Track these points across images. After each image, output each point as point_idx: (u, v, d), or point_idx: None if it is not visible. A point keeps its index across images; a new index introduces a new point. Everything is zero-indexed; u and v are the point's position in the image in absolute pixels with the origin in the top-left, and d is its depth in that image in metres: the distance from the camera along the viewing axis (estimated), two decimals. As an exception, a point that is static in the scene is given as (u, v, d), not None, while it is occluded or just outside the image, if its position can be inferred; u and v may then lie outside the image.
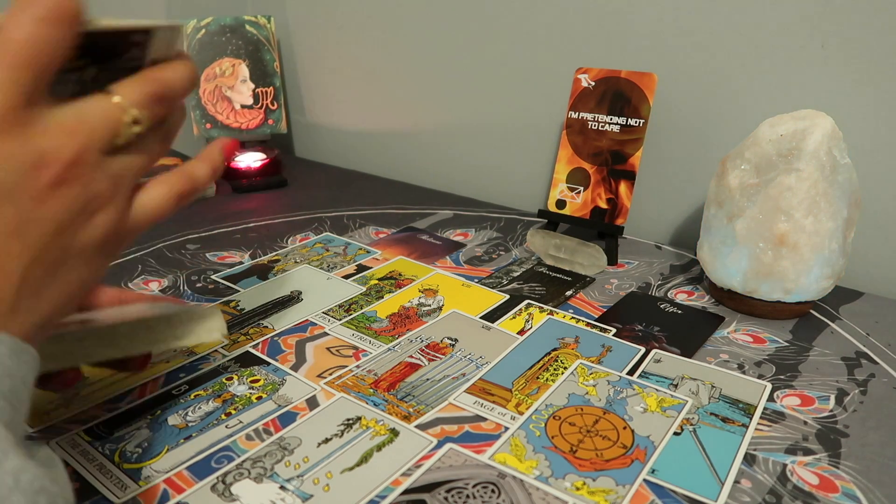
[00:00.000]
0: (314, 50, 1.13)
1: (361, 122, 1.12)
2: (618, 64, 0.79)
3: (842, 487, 0.41)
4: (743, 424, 0.46)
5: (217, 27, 1.02)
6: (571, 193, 0.75)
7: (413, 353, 0.55)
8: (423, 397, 0.49)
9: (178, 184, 0.35)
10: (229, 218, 0.87)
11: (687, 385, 0.51)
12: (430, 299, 0.64)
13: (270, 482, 0.40)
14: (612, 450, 0.44)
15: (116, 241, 0.32)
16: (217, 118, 1.04)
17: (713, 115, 0.75)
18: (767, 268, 0.58)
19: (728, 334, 0.59)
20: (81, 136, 0.29)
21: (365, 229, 0.83)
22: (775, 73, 0.69)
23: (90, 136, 0.29)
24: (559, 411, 0.47)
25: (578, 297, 0.65)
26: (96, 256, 0.31)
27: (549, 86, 0.86)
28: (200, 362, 0.53)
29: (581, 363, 0.53)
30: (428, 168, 1.05)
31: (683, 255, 0.76)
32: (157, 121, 0.32)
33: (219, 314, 0.46)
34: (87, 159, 0.29)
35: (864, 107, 0.65)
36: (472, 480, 0.41)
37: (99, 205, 0.30)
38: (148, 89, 0.31)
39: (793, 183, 0.56)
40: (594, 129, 0.74)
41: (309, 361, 0.54)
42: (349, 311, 0.62)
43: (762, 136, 0.58)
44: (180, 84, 0.33)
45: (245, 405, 0.48)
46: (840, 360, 0.55)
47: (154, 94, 0.32)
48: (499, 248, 0.77)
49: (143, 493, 0.40)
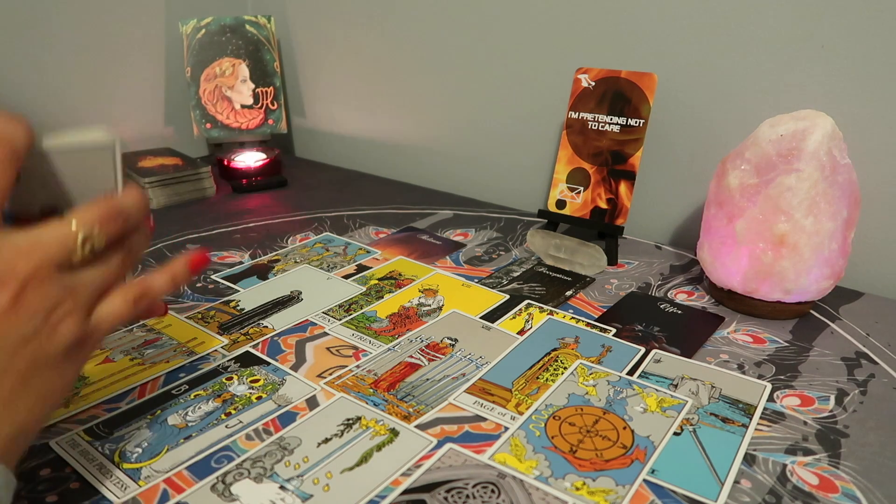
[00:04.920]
0: (314, 50, 1.13)
1: (361, 123, 1.12)
2: (618, 64, 0.79)
3: (842, 487, 0.41)
4: (743, 424, 0.46)
5: (217, 27, 1.02)
6: (571, 193, 0.75)
7: (413, 353, 0.55)
8: (423, 397, 0.49)
9: (132, 292, 0.37)
10: (229, 218, 0.87)
11: (687, 385, 0.51)
12: (430, 299, 0.64)
13: (270, 482, 0.40)
14: (612, 450, 0.44)
15: (81, 348, 0.35)
16: (217, 118, 1.04)
17: (713, 115, 0.75)
18: (767, 268, 0.58)
19: (728, 334, 0.59)
20: (36, 255, 0.32)
21: (365, 229, 0.83)
22: (775, 73, 0.69)
23: (45, 254, 0.32)
24: (559, 411, 0.47)
25: (578, 297, 0.65)
26: (65, 364, 0.34)
27: (549, 86, 0.86)
28: (200, 362, 0.53)
29: (581, 363, 0.53)
30: (428, 168, 1.05)
31: (683, 255, 0.76)
32: (112, 238, 0.35)
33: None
34: (43, 275, 0.32)
35: (864, 107, 0.65)
36: (472, 480, 0.41)
37: (61, 316, 0.33)
38: (100, 211, 0.35)
39: (793, 183, 0.56)
40: (594, 129, 0.74)
41: (309, 361, 0.54)
42: (349, 311, 0.62)
43: (762, 136, 0.58)
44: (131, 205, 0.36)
45: (245, 405, 0.48)
46: (840, 361, 0.55)
47: (106, 213, 0.35)
48: (499, 248, 0.77)
49: (143, 493, 0.40)
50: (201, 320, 0.60)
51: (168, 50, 1.07)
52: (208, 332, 0.58)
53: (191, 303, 0.64)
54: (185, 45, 1.02)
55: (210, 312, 0.61)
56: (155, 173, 0.90)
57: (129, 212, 0.36)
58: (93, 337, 0.35)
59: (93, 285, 0.35)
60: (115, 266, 0.36)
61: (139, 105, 1.07)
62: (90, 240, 0.34)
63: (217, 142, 1.08)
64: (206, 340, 0.57)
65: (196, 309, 0.62)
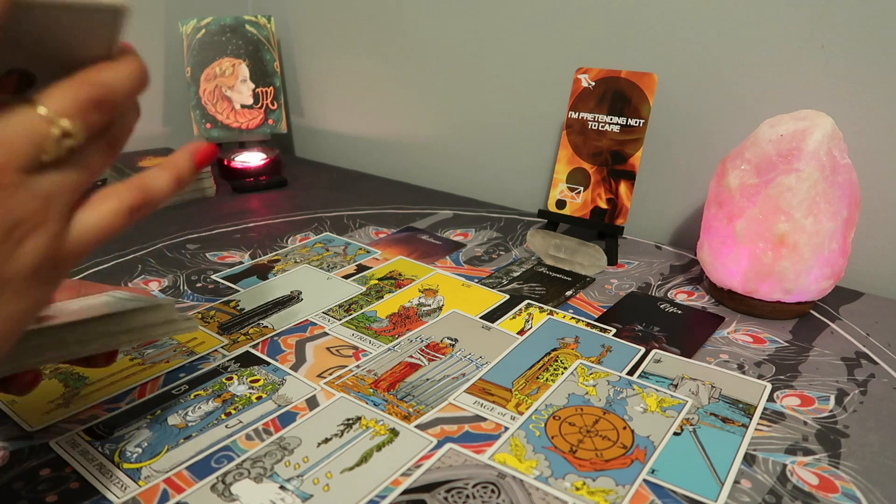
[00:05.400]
0: (314, 50, 1.13)
1: (361, 122, 1.12)
2: (618, 64, 0.79)
3: (841, 488, 0.41)
4: (743, 424, 0.46)
5: (217, 27, 1.02)
6: (571, 193, 0.75)
7: (413, 353, 0.55)
8: (423, 397, 0.49)
9: (130, 196, 0.30)
10: (229, 218, 0.87)
11: (687, 385, 0.51)
12: (430, 299, 0.64)
13: (270, 482, 0.40)
14: (611, 450, 0.44)
15: (54, 267, 0.28)
16: (217, 118, 1.04)
17: (713, 115, 0.75)
18: (767, 268, 0.58)
19: (728, 334, 0.59)
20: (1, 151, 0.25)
21: (365, 229, 0.83)
22: (775, 73, 0.69)
23: (8, 154, 0.25)
24: (559, 411, 0.47)
25: (578, 297, 0.65)
26: (32, 286, 0.27)
27: (549, 86, 0.86)
28: (200, 362, 0.53)
29: (581, 363, 0.53)
30: (428, 168, 1.05)
31: (683, 255, 0.76)
32: (95, 131, 0.28)
33: (172, 311, 0.43)
34: (5, 180, 0.25)
35: (864, 107, 0.65)
36: (472, 480, 0.41)
37: (27, 230, 0.26)
38: (81, 95, 0.27)
39: (793, 183, 0.56)
40: (594, 129, 0.74)
41: (309, 361, 0.54)
42: (349, 311, 0.62)
43: (762, 136, 0.58)
44: (123, 84, 0.28)
45: (245, 405, 0.48)
46: (840, 361, 0.55)
47: (89, 99, 0.27)
48: (499, 248, 0.77)
49: (143, 493, 0.40)
50: (201, 320, 0.60)
51: (168, 50, 1.07)
52: (208, 332, 0.58)
53: (191, 303, 0.64)
54: (185, 45, 1.02)
55: (210, 312, 0.61)
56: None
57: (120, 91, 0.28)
58: (71, 253, 0.28)
59: (69, 190, 0.28)
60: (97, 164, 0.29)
61: (139, 105, 1.07)
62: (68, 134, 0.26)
63: (217, 142, 1.08)
64: (206, 340, 0.57)
65: (196, 309, 0.62)
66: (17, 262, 0.26)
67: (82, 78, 0.27)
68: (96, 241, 0.29)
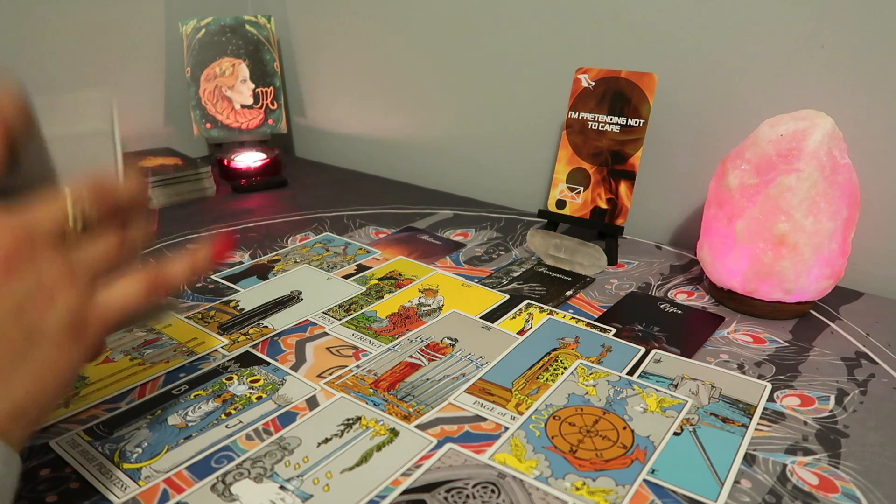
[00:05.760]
0: (314, 50, 1.13)
1: (361, 122, 1.12)
2: (618, 64, 0.79)
3: (842, 488, 0.41)
4: (743, 424, 0.46)
5: (217, 27, 1.02)
6: (571, 193, 0.75)
7: (413, 353, 0.55)
8: (423, 397, 0.49)
9: (148, 279, 0.36)
10: (229, 218, 0.87)
11: (687, 385, 0.51)
12: (430, 299, 0.64)
13: (270, 482, 0.40)
14: (612, 450, 0.44)
15: (85, 328, 0.33)
16: (217, 118, 1.04)
17: (713, 115, 0.75)
18: (767, 268, 0.58)
19: (728, 334, 0.59)
20: (25, 226, 0.31)
21: (365, 229, 0.83)
22: (775, 73, 0.69)
23: (34, 226, 0.31)
24: (559, 411, 0.47)
25: (578, 297, 0.65)
26: (67, 342, 0.32)
27: (549, 86, 0.86)
28: (200, 362, 0.53)
29: (581, 363, 0.53)
30: (428, 168, 1.05)
31: (683, 255, 0.76)
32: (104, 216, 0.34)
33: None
34: (34, 246, 0.31)
35: (864, 107, 0.65)
36: (472, 480, 0.41)
37: (56, 289, 0.31)
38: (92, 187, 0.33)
39: (793, 183, 0.56)
40: (594, 129, 0.74)
41: (309, 361, 0.54)
42: (349, 311, 0.62)
43: (762, 136, 0.58)
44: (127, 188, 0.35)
45: (245, 405, 0.48)
46: (840, 361, 0.55)
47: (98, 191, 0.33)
48: (499, 248, 0.77)
49: (143, 493, 0.40)
50: (201, 320, 0.60)
51: (168, 50, 1.07)
52: (208, 332, 0.58)
53: (191, 303, 0.64)
54: (185, 45, 1.02)
55: (210, 312, 0.61)
56: (155, 173, 0.90)
57: (124, 194, 0.35)
58: (99, 320, 0.33)
59: (92, 260, 0.33)
60: (114, 246, 0.34)
61: (139, 105, 1.07)
62: (82, 213, 0.33)
63: (217, 142, 1.08)
64: (206, 340, 0.57)
65: (196, 309, 0.62)
66: (53, 316, 0.31)
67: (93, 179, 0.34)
68: (120, 313, 0.35)
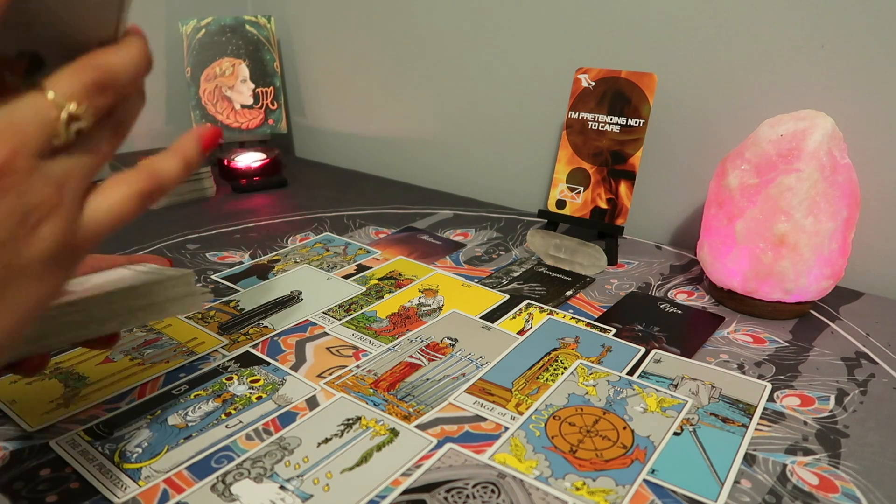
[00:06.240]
0: (314, 50, 1.13)
1: (361, 122, 1.12)
2: (618, 64, 0.79)
3: (842, 488, 0.41)
4: (743, 424, 0.46)
5: (217, 27, 1.02)
6: (571, 193, 0.75)
7: (413, 353, 0.55)
8: (423, 397, 0.49)
9: (140, 182, 0.30)
10: (229, 218, 0.87)
11: (687, 385, 0.51)
12: (430, 299, 0.64)
13: (270, 482, 0.40)
14: (612, 450, 0.44)
15: (70, 253, 0.28)
16: (217, 118, 1.04)
17: (713, 115, 0.75)
18: (767, 268, 0.58)
19: (728, 334, 0.59)
20: (9, 140, 0.25)
21: (365, 229, 0.83)
22: (775, 73, 0.69)
23: (20, 139, 0.25)
24: (559, 411, 0.47)
25: (578, 297, 0.65)
26: (49, 271, 0.28)
27: (549, 86, 0.86)
28: (200, 362, 0.53)
29: (581, 363, 0.53)
30: (428, 168, 1.05)
31: (683, 255, 0.76)
32: (101, 114, 0.28)
33: (191, 283, 0.42)
34: (18, 165, 0.25)
35: (864, 107, 0.65)
36: (472, 480, 0.41)
37: (42, 215, 0.26)
38: (87, 79, 0.27)
39: (793, 183, 0.56)
40: (594, 129, 0.74)
41: (309, 361, 0.54)
42: (349, 311, 0.62)
43: (762, 136, 0.58)
44: (127, 68, 0.29)
45: (245, 405, 0.48)
46: (840, 361, 0.55)
47: (95, 83, 0.27)
48: (499, 248, 0.77)
49: (143, 493, 0.40)
50: (201, 320, 0.60)
51: (168, 50, 1.07)
52: (208, 332, 0.58)
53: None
54: (185, 45, 1.02)
55: (210, 312, 0.61)
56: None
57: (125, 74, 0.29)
58: (86, 238, 0.29)
59: (81, 174, 0.28)
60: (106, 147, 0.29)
61: (139, 105, 1.07)
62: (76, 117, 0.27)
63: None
64: (206, 340, 0.57)
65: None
66: (35, 248, 0.26)
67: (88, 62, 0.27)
68: (110, 226, 0.30)
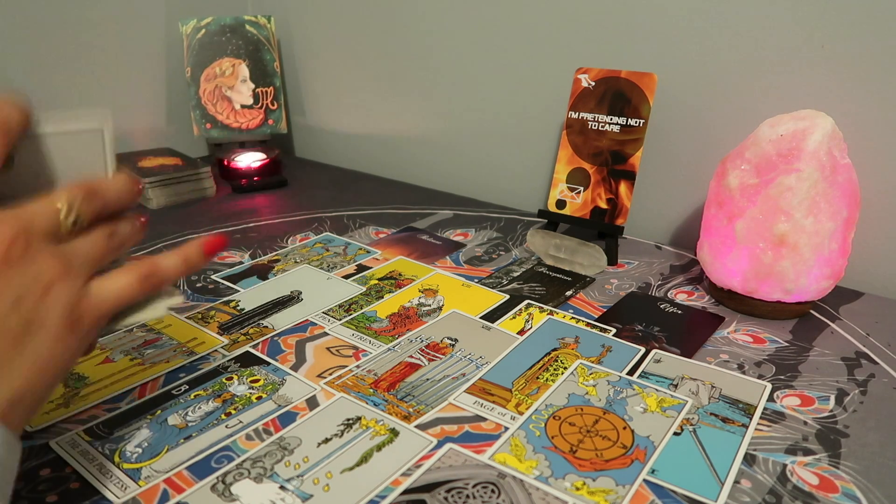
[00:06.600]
0: (314, 50, 1.13)
1: (361, 122, 1.12)
2: (618, 64, 0.79)
3: (842, 487, 0.41)
4: (743, 424, 0.46)
5: (217, 27, 1.02)
6: (571, 193, 0.75)
7: (413, 353, 0.55)
8: (423, 397, 0.49)
9: (141, 270, 0.37)
10: (229, 218, 0.87)
11: (687, 385, 0.51)
12: (430, 299, 0.64)
13: (270, 482, 0.40)
14: (612, 450, 0.44)
15: (82, 320, 0.34)
16: (217, 118, 1.04)
17: (713, 115, 0.75)
18: (767, 268, 0.58)
19: (728, 334, 0.59)
20: (21, 222, 0.32)
21: (365, 229, 0.83)
22: (775, 73, 0.69)
23: (29, 222, 0.32)
24: (559, 411, 0.47)
25: (578, 297, 0.65)
26: (63, 333, 0.33)
27: (549, 86, 0.86)
28: (200, 362, 0.53)
29: (581, 363, 0.53)
30: (428, 168, 1.05)
31: (683, 255, 0.76)
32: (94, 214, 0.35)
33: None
34: (29, 241, 0.32)
35: (864, 107, 0.65)
36: (472, 480, 0.41)
37: (52, 281, 0.33)
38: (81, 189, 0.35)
39: (793, 183, 0.56)
40: (594, 129, 0.74)
41: (309, 361, 0.54)
42: (349, 311, 0.62)
43: (762, 136, 0.58)
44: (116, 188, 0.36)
45: (245, 405, 0.48)
46: (840, 361, 0.55)
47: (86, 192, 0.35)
48: (499, 248, 0.77)
49: (143, 493, 0.40)
50: (201, 320, 0.60)
51: (168, 50, 1.07)
52: (208, 332, 0.58)
53: (191, 303, 0.64)
54: (185, 45, 1.02)
55: (210, 312, 0.61)
56: (155, 173, 0.90)
57: (114, 192, 0.36)
58: (94, 311, 0.35)
59: (86, 254, 0.35)
60: (106, 240, 0.36)
61: (139, 105, 1.07)
62: (74, 212, 0.34)
63: (217, 142, 1.08)
64: (206, 340, 0.57)
65: (196, 309, 0.62)
66: (49, 307, 0.32)
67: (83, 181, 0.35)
68: (114, 302, 0.35)
